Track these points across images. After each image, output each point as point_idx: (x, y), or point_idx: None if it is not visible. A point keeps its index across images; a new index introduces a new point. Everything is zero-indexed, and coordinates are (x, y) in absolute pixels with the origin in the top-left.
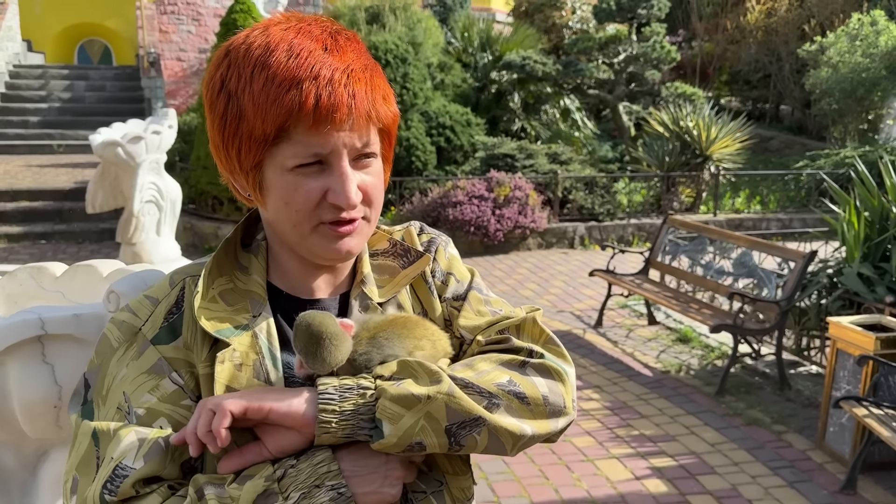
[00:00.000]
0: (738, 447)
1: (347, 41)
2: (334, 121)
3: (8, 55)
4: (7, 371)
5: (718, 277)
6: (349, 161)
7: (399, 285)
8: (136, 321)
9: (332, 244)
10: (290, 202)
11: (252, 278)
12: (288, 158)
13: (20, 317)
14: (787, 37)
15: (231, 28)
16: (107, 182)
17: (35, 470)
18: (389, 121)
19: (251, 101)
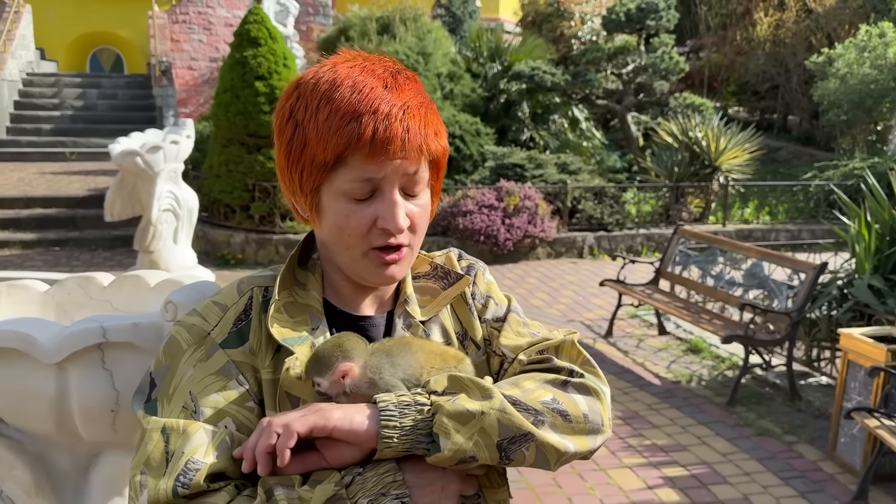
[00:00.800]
0: (750, 457)
1: (406, 80)
2: (388, 152)
3: (21, 63)
4: (69, 376)
5: (729, 288)
6: (399, 189)
7: (440, 305)
8: (206, 325)
9: (379, 269)
10: (344, 227)
11: (310, 294)
12: (344, 183)
13: (83, 325)
14: (794, 48)
15: (245, 38)
16: (125, 191)
17: (87, 472)
18: (439, 154)
19: (315, 131)
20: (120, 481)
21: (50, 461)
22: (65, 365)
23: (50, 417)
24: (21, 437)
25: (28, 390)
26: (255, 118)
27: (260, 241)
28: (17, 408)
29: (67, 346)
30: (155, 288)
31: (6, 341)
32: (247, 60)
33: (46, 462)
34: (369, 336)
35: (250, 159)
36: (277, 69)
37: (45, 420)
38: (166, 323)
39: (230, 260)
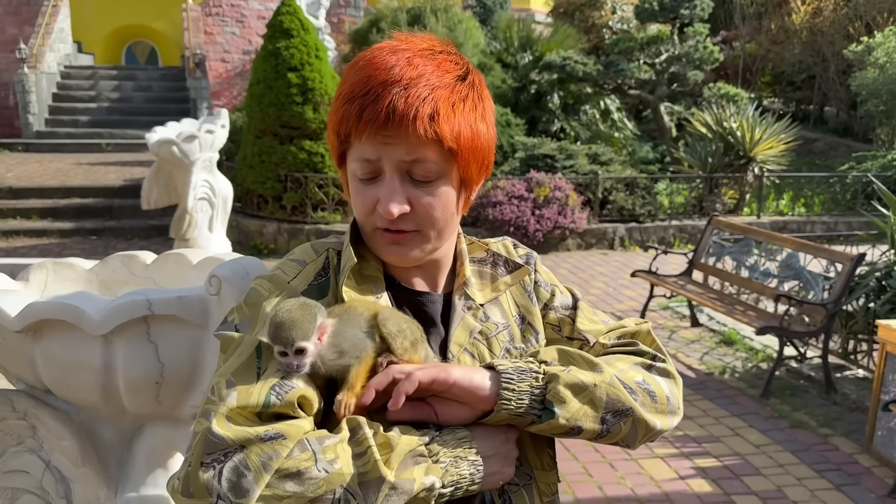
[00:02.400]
0: (784, 449)
1: (428, 60)
2: (375, 132)
3: (59, 56)
4: (115, 348)
5: (764, 279)
6: (402, 175)
7: (498, 290)
8: (286, 276)
9: (386, 248)
10: (355, 204)
11: (371, 264)
12: (352, 163)
13: (129, 298)
14: (832, 37)
15: (277, 29)
16: (161, 179)
17: (131, 443)
18: (445, 140)
19: (332, 108)
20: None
21: (96, 432)
22: (111, 337)
23: (96, 389)
24: (68, 408)
25: (75, 362)
26: (288, 109)
27: (292, 230)
28: (65, 379)
29: (114, 319)
30: (197, 266)
31: (55, 313)
32: (279, 52)
33: (92, 433)
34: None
35: (283, 150)
36: (310, 60)
37: (92, 391)
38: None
39: (262, 250)
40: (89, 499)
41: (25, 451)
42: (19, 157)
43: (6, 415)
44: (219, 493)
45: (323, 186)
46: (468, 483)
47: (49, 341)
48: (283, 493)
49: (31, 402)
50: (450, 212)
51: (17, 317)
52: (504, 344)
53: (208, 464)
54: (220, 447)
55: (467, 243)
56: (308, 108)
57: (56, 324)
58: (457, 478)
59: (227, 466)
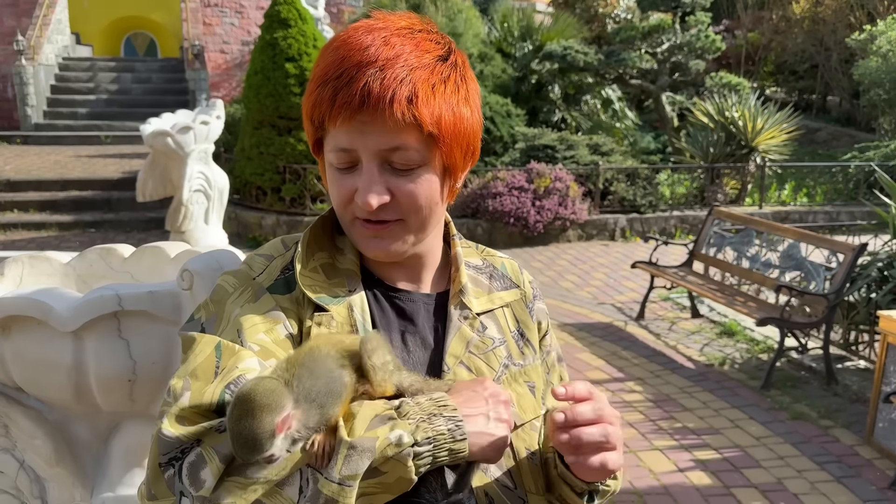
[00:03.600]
0: (784, 441)
1: (406, 40)
2: (349, 117)
3: (57, 48)
4: (85, 345)
5: (765, 270)
6: (381, 163)
7: (494, 304)
8: (252, 272)
9: (366, 241)
10: (332, 194)
11: (347, 258)
12: (328, 152)
13: (98, 293)
14: (834, 26)
15: (275, 20)
16: (156, 171)
17: (107, 442)
18: (425, 124)
19: (305, 93)
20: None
21: (70, 431)
22: (81, 333)
23: (68, 387)
24: (41, 406)
25: (45, 359)
26: (286, 100)
27: (291, 223)
28: (36, 377)
29: (83, 315)
30: (175, 259)
31: (22, 309)
32: (277, 42)
33: (66, 432)
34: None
35: (281, 141)
36: (307, 50)
37: (64, 389)
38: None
39: (262, 242)
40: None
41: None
42: (17, 150)
43: None
44: (181, 490)
45: (322, 178)
46: (449, 440)
47: (18, 338)
48: (246, 481)
49: (3, 401)
50: (434, 200)
51: None
52: (502, 360)
53: (167, 464)
54: (176, 445)
55: (463, 247)
56: None
57: (24, 320)
58: (432, 434)
59: (186, 462)
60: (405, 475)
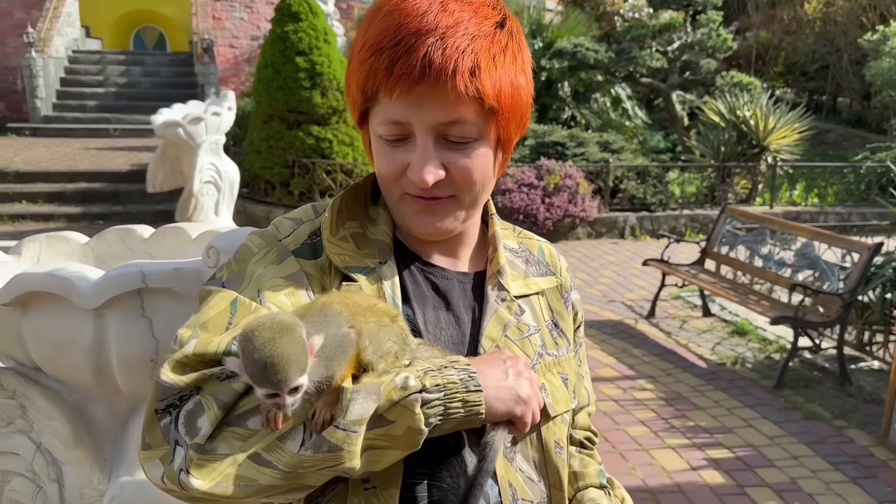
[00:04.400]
0: (798, 441)
1: (465, 7)
2: (407, 91)
3: (67, 41)
4: (106, 323)
5: (778, 269)
6: (437, 138)
7: (529, 289)
8: (278, 234)
9: (416, 216)
10: (379, 168)
11: (380, 229)
12: (378, 125)
13: (122, 269)
14: (846, 27)
15: (286, 13)
16: (167, 162)
17: (125, 425)
18: (487, 97)
19: (351, 62)
20: None
21: (88, 413)
22: (103, 311)
23: (88, 366)
24: (59, 387)
25: (66, 338)
26: (296, 94)
27: None
28: (55, 356)
29: (106, 291)
30: (196, 239)
31: (43, 285)
32: (287, 35)
33: (85, 414)
34: (438, 286)
35: (290, 135)
36: (318, 44)
37: (83, 369)
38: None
39: None
40: (82, 482)
41: (15, 431)
42: (27, 142)
43: None
44: (176, 439)
45: (331, 172)
46: (461, 389)
47: (37, 316)
48: (245, 432)
49: (21, 381)
50: (487, 176)
51: (4, 289)
52: (537, 348)
53: (163, 410)
54: (174, 392)
55: (501, 228)
56: (316, 93)
57: (44, 297)
58: (443, 381)
59: (184, 410)
60: (413, 424)
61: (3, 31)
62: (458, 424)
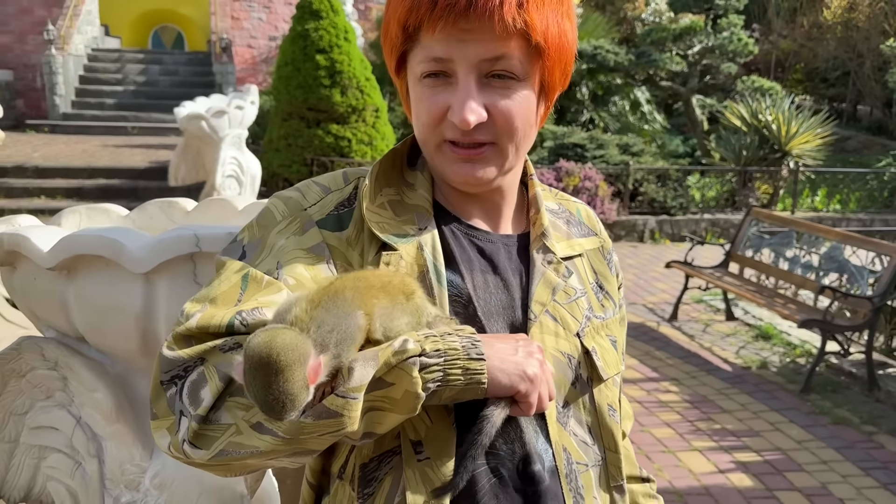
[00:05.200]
0: (826, 446)
1: None
2: (452, 22)
3: (87, 39)
4: (156, 290)
5: (805, 272)
6: (479, 77)
7: (574, 250)
8: (304, 202)
9: (454, 166)
10: (419, 114)
11: (418, 193)
12: (417, 65)
13: (175, 232)
14: (868, 33)
15: (307, 10)
16: (189, 156)
17: None
18: (535, 33)
19: (391, 2)
20: None
21: (132, 386)
22: (153, 277)
23: (135, 335)
24: (103, 358)
25: (113, 305)
26: (316, 92)
27: None
28: (101, 324)
29: (157, 255)
30: (242, 211)
31: (92, 248)
32: (308, 33)
33: (128, 386)
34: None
35: (309, 133)
36: (338, 42)
37: (130, 338)
38: None
39: None
40: (123, 458)
41: (55, 405)
42: (45, 138)
43: (35, 364)
44: (181, 410)
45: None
46: (463, 357)
47: (84, 281)
48: (247, 402)
49: (63, 350)
50: (529, 122)
51: (50, 252)
52: (584, 311)
53: (168, 381)
54: (178, 363)
55: (541, 189)
56: (336, 91)
57: (93, 260)
58: (443, 347)
59: (188, 380)
60: (410, 388)
61: (24, 28)
62: (458, 393)
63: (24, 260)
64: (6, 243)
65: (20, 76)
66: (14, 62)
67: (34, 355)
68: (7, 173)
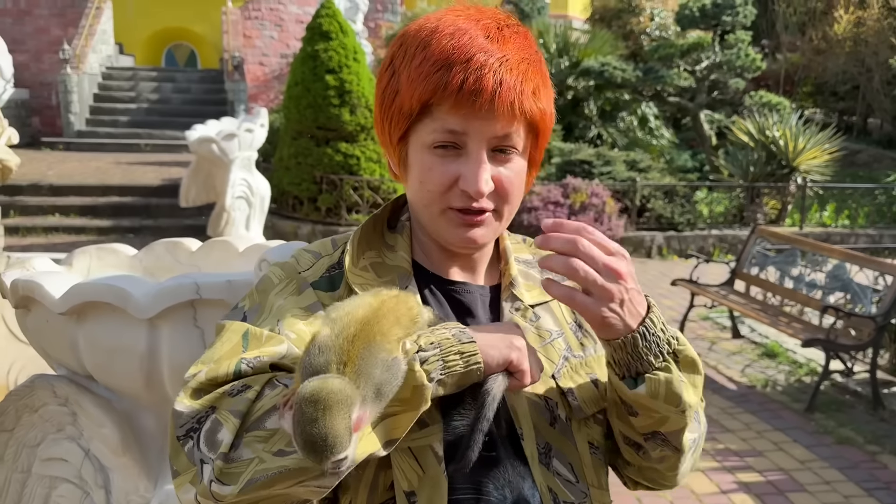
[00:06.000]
0: (830, 466)
1: (514, 33)
2: (475, 104)
3: (101, 57)
4: (160, 333)
5: (809, 290)
6: (487, 150)
7: (546, 295)
8: (298, 267)
9: (457, 230)
10: (425, 181)
11: (398, 254)
12: (428, 134)
13: (176, 281)
14: (877, 47)
15: (316, 32)
16: (200, 177)
17: None
18: (538, 117)
19: (407, 77)
20: None
21: (137, 421)
22: (156, 321)
23: (139, 375)
24: (110, 395)
25: (119, 346)
26: (325, 111)
27: (326, 232)
28: (108, 364)
29: (160, 302)
30: (243, 253)
31: (99, 295)
32: (318, 54)
33: (134, 422)
34: (462, 302)
35: (319, 152)
36: (348, 63)
37: (135, 378)
38: None
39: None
40: (128, 489)
41: (65, 438)
42: (60, 156)
43: (47, 400)
44: (201, 459)
45: (358, 189)
46: (455, 343)
47: (93, 324)
48: (265, 433)
49: (73, 388)
50: (521, 191)
51: (62, 298)
52: (561, 352)
53: (184, 436)
54: (192, 416)
55: (512, 242)
56: (345, 110)
57: (101, 306)
58: (436, 339)
59: (203, 430)
60: (416, 382)
61: (40, 47)
62: (460, 378)
63: (37, 304)
64: (21, 289)
65: (36, 94)
66: (30, 80)
67: (46, 392)
68: (22, 191)
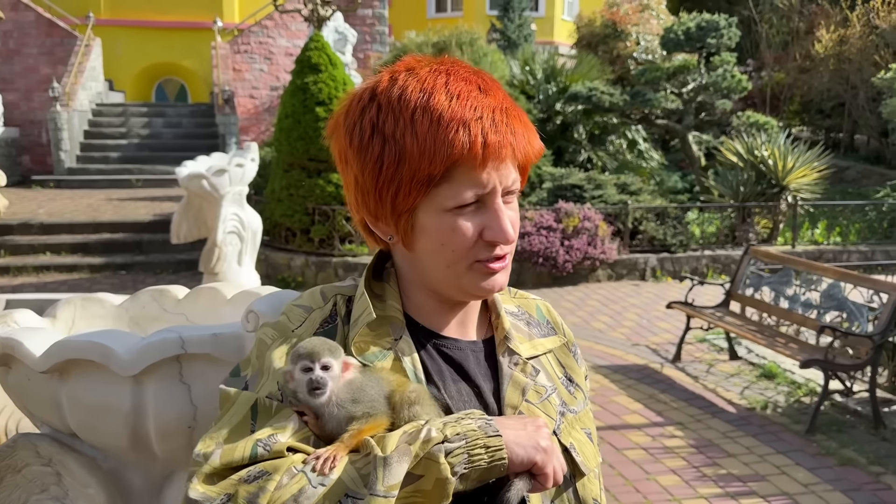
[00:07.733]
0: (833, 488)
1: (492, 81)
2: (499, 158)
3: (91, 94)
4: (144, 390)
5: (805, 310)
6: (501, 196)
7: (537, 350)
8: (290, 324)
9: (484, 281)
10: (447, 242)
11: (389, 304)
12: (448, 199)
13: (160, 336)
14: (860, 65)
15: (306, 64)
16: (191, 213)
17: (160, 492)
18: (533, 158)
19: (415, 144)
20: None
21: (124, 480)
22: (141, 378)
23: (125, 433)
24: (95, 453)
25: (103, 404)
26: (316, 143)
27: (319, 263)
28: (92, 423)
29: (144, 358)
30: (231, 300)
31: (82, 353)
32: (307, 86)
33: (120, 481)
34: (452, 358)
35: (310, 183)
36: (337, 94)
37: (120, 436)
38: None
39: (290, 283)
40: None
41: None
42: (51, 194)
43: (30, 461)
44: None
45: (350, 219)
46: (481, 436)
47: (76, 382)
48: None
49: (57, 447)
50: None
51: (43, 356)
52: (557, 408)
53: None
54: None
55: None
56: None
57: (83, 364)
58: (462, 430)
59: None
60: (441, 475)
61: (30, 86)
62: (483, 473)
63: (17, 362)
64: (1, 346)
65: (26, 133)
66: (20, 119)
67: (29, 452)
68: (13, 230)
